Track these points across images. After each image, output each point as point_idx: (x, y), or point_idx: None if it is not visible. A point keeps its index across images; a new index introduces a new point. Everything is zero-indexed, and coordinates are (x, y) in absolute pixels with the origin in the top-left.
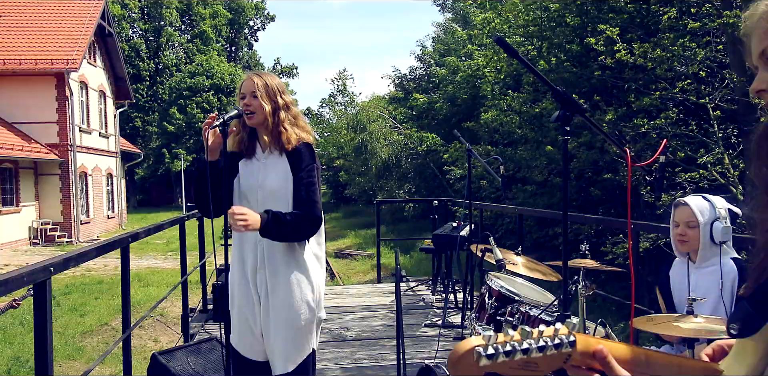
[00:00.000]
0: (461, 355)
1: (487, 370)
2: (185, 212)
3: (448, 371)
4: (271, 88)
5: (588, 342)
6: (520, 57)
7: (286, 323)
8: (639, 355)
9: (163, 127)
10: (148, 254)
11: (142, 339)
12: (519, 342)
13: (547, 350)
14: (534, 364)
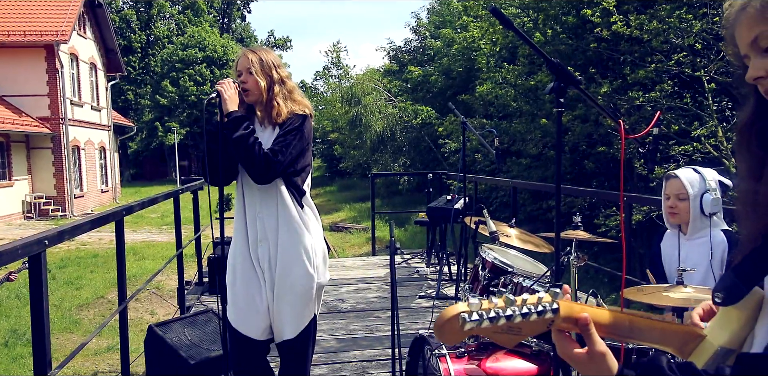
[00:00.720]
0: (447, 320)
1: (471, 333)
2: (179, 186)
3: (434, 334)
4: (266, 64)
5: (572, 309)
6: (515, 28)
7: (290, 290)
8: (622, 320)
9: (156, 100)
10: (142, 227)
11: (139, 312)
12: (503, 309)
13: (530, 316)
14: (517, 328)
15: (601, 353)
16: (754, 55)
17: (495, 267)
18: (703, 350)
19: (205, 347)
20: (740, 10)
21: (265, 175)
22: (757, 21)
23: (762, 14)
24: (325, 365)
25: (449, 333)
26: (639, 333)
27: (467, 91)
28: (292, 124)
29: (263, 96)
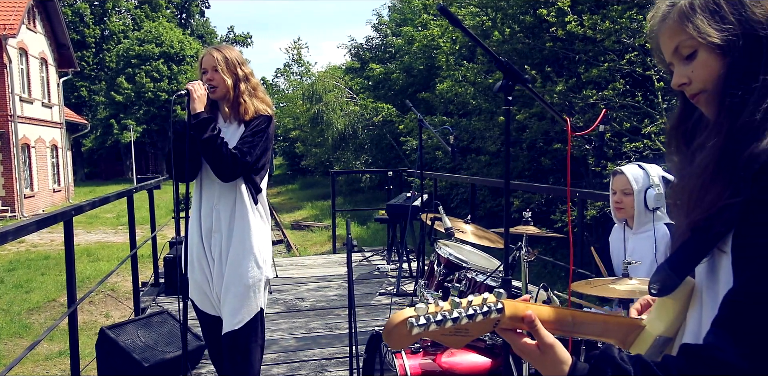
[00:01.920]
0: (395, 325)
1: (420, 337)
2: (136, 185)
3: (384, 340)
4: (231, 62)
5: (517, 308)
6: (463, 26)
7: (235, 281)
8: (565, 316)
9: (111, 97)
10: (97, 228)
11: (93, 315)
12: (449, 312)
13: (476, 317)
14: (465, 330)
15: (550, 344)
16: (676, 63)
17: (450, 263)
18: (643, 339)
19: (160, 348)
20: (661, 21)
21: (231, 174)
22: (677, 31)
23: (680, 25)
24: (284, 364)
25: (398, 338)
26: (582, 327)
27: (428, 88)
28: (258, 125)
29: (229, 93)
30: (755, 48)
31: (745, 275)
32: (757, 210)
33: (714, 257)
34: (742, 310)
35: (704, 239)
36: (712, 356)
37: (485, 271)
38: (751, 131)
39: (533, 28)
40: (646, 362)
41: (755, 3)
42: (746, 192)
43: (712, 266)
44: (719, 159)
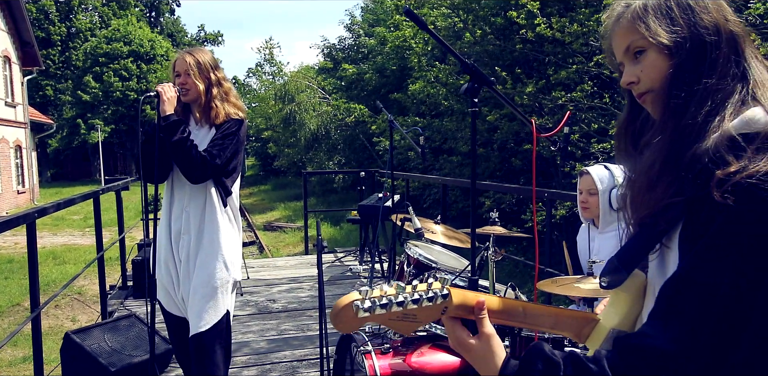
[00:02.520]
0: (341, 309)
1: (366, 321)
2: (104, 186)
3: (331, 323)
4: (203, 66)
5: (465, 296)
6: (428, 29)
7: (203, 283)
8: (516, 307)
9: (78, 96)
10: (63, 230)
11: (59, 319)
12: (394, 296)
13: (421, 302)
14: (413, 315)
15: (489, 334)
16: (627, 62)
17: (419, 263)
18: (597, 333)
19: (127, 352)
20: (616, 21)
21: (201, 176)
22: (630, 30)
23: (633, 24)
24: (255, 366)
25: (345, 321)
26: (533, 319)
27: (401, 89)
28: (229, 128)
29: (201, 98)
30: (700, 52)
31: (679, 267)
32: (696, 209)
33: (663, 253)
34: (672, 298)
35: (650, 235)
36: (640, 342)
37: (454, 271)
38: (693, 132)
39: (504, 30)
40: (577, 355)
41: (703, 10)
42: (689, 191)
43: (661, 262)
44: (664, 158)
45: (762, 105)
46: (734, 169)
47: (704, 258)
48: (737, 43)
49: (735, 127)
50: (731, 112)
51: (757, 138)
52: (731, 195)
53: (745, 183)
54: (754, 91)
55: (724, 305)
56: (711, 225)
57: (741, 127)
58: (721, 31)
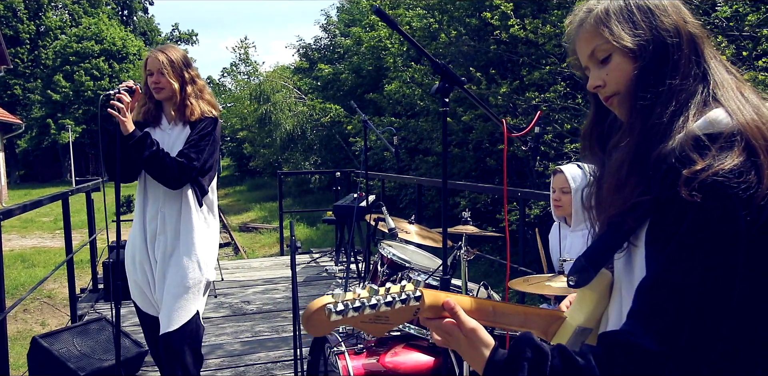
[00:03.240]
0: (313, 312)
1: (338, 324)
2: (74, 187)
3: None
4: (177, 65)
5: (437, 297)
6: (399, 29)
7: (175, 283)
8: (486, 306)
9: (47, 96)
10: (33, 232)
11: (28, 323)
12: (367, 299)
13: (394, 304)
14: (385, 317)
15: (472, 328)
16: (592, 66)
17: (393, 263)
18: (564, 330)
19: (97, 357)
20: (579, 26)
21: (179, 180)
22: (594, 35)
23: (597, 29)
24: (229, 368)
25: (317, 325)
26: (503, 317)
27: (377, 89)
28: (205, 128)
29: (176, 96)
30: (663, 54)
31: (653, 267)
32: (665, 208)
33: (630, 252)
34: (650, 298)
35: (618, 233)
36: (626, 340)
37: (428, 270)
38: (659, 133)
39: (478, 31)
40: (565, 348)
41: (663, 13)
42: (655, 191)
43: (628, 260)
44: (632, 159)
45: (723, 105)
46: (700, 168)
47: (678, 257)
48: (697, 44)
49: (699, 127)
50: (695, 113)
51: (720, 137)
52: (698, 193)
53: (711, 180)
54: (715, 91)
55: (701, 303)
56: (681, 224)
57: (705, 127)
58: (682, 33)
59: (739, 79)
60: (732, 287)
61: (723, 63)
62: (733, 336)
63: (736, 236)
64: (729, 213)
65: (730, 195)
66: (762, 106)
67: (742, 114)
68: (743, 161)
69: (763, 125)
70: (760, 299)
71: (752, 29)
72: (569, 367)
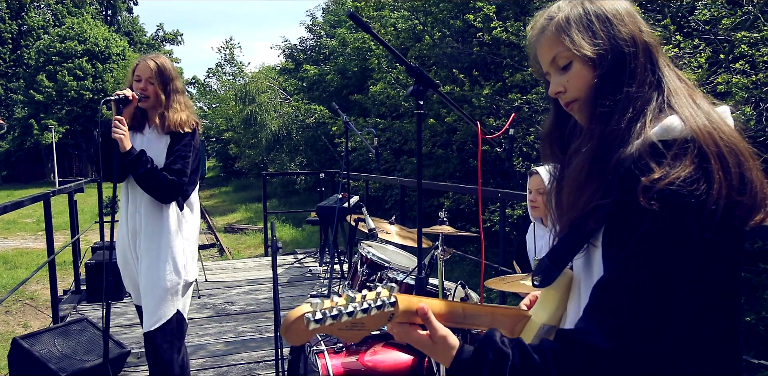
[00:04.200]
0: (292, 322)
1: (317, 332)
2: (57, 188)
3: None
4: (166, 75)
5: (410, 302)
6: (373, 33)
7: (153, 284)
8: (456, 309)
9: (30, 96)
10: (15, 234)
11: (10, 325)
12: (345, 306)
13: (370, 311)
14: (361, 324)
15: (442, 336)
16: (553, 72)
17: (372, 263)
18: (529, 328)
19: (78, 357)
20: (540, 33)
21: (169, 197)
22: (555, 43)
23: (558, 37)
24: (211, 368)
25: (296, 334)
26: (472, 319)
27: (363, 90)
28: (186, 140)
29: (160, 106)
30: (621, 63)
31: (609, 267)
32: (622, 212)
33: (589, 252)
34: (605, 297)
35: (579, 234)
36: (580, 338)
37: (406, 270)
38: (617, 138)
39: (462, 32)
40: (524, 345)
41: (620, 22)
42: (614, 194)
43: (587, 260)
44: (592, 163)
45: (677, 112)
46: (657, 176)
47: (633, 260)
48: (652, 53)
49: (656, 133)
50: (651, 119)
51: (675, 144)
52: (656, 201)
53: (667, 190)
54: (669, 98)
55: (652, 304)
56: (638, 228)
57: (661, 134)
58: (638, 42)
59: (690, 87)
60: (682, 290)
61: (675, 71)
62: (683, 336)
63: (688, 241)
64: (682, 220)
65: (684, 203)
66: (712, 112)
67: (695, 120)
68: (695, 168)
69: (714, 131)
70: (709, 299)
71: (726, 33)
72: (527, 365)
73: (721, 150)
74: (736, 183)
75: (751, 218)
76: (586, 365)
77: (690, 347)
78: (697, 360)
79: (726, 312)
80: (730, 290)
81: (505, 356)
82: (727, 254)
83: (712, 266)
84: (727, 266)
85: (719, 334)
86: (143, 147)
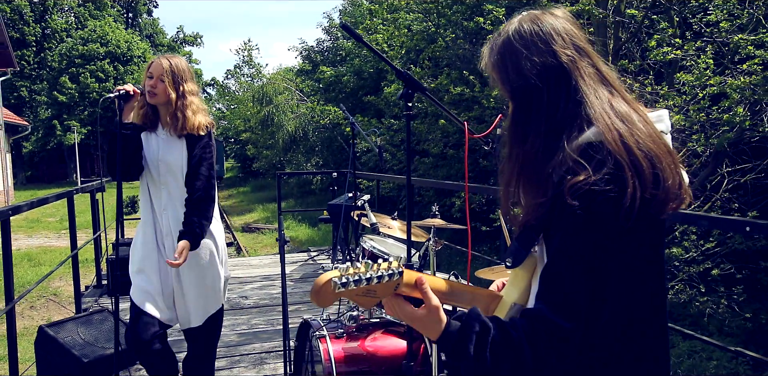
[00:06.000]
0: (322, 285)
1: (340, 296)
2: (80, 186)
3: (310, 299)
4: (178, 75)
5: (411, 275)
6: (366, 43)
7: (197, 282)
8: (446, 285)
9: (54, 97)
10: (39, 232)
11: (34, 320)
12: (364, 273)
13: (383, 279)
14: (373, 291)
15: (436, 306)
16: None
17: (373, 255)
18: (502, 307)
19: (100, 345)
20: (488, 60)
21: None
22: (492, 79)
23: (492, 73)
24: (225, 358)
25: (324, 297)
26: (456, 296)
27: (379, 91)
28: (204, 141)
29: (171, 105)
30: (531, 94)
31: (549, 256)
32: (553, 208)
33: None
34: (550, 283)
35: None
36: (545, 316)
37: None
38: (538, 155)
39: (475, 34)
40: (502, 322)
41: (531, 53)
42: (550, 194)
43: (541, 248)
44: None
45: (594, 125)
46: (582, 179)
47: (562, 251)
48: (569, 74)
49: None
50: (573, 135)
51: (594, 155)
52: (577, 199)
53: (586, 189)
54: (588, 114)
55: (587, 284)
56: (568, 222)
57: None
58: (550, 69)
59: (616, 90)
60: (609, 272)
61: (600, 75)
62: (614, 310)
63: (607, 230)
64: (599, 213)
65: (600, 199)
66: (631, 113)
67: (611, 133)
68: (612, 173)
69: (629, 138)
70: (634, 279)
71: (725, 35)
72: (504, 339)
73: (635, 156)
74: (650, 182)
75: (666, 207)
76: (550, 340)
77: (622, 326)
78: (628, 339)
79: (653, 289)
80: (655, 269)
81: (488, 329)
82: (650, 238)
83: (638, 249)
84: (651, 248)
85: (648, 312)
86: (160, 148)
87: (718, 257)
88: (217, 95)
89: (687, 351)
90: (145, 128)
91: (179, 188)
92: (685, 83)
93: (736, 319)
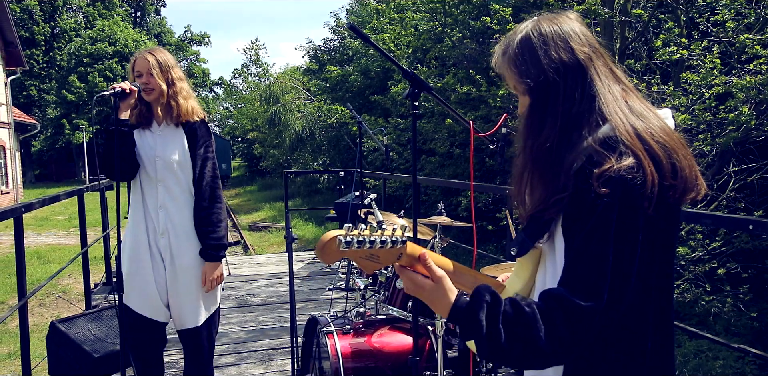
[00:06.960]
0: (327, 241)
1: (344, 255)
2: (89, 185)
3: (315, 254)
4: (164, 65)
5: (414, 248)
6: (373, 43)
7: (195, 282)
8: (449, 264)
9: (62, 96)
10: (48, 230)
11: (44, 317)
12: (368, 236)
13: (386, 245)
14: (376, 256)
15: (441, 276)
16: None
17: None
18: (504, 295)
19: (110, 341)
20: (496, 65)
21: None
22: (505, 77)
23: (505, 72)
24: (233, 354)
25: (328, 253)
26: (460, 276)
27: (385, 90)
28: (202, 135)
29: (163, 97)
30: (549, 88)
31: (573, 244)
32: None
33: (552, 233)
34: (576, 269)
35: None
36: (561, 294)
37: None
38: (553, 148)
39: (481, 33)
40: (514, 298)
41: (553, 47)
42: (570, 188)
43: (550, 240)
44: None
45: (609, 120)
46: (607, 167)
47: (593, 236)
48: (585, 70)
49: (595, 140)
50: (589, 129)
51: (614, 148)
52: (607, 185)
53: (617, 175)
54: (602, 109)
55: (614, 269)
56: (595, 209)
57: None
58: (568, 64)
59: (628, 88)
60: (636, 256)
61: (613, 74)
62: (635, 297)
63: (636, 216)
64: (630, 198)
65: (630, 185)
66: (645, 111)
67: (625, 127)
68: (634, 161)
69: (645, 132)
70: (653, 261)
71: (731, 35)
72: (518, 314)
73: (651, 147)
74: (669, 171)
75: (685, 196)
76: (566, 317)
77: (639, 308)
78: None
79: (666, 277)
80: (669, 257)
81: (499, 301)
82: (667, 227)
83: (657, 237)
84: (668, 237)
85: (661, 298)
86: (157, 144)
87: (724, 256)
88: (225, 94)
89: (693, 350)
90: (138, 127)
91: (178, 185)
92: (691, 83)
93: (743, 318)
